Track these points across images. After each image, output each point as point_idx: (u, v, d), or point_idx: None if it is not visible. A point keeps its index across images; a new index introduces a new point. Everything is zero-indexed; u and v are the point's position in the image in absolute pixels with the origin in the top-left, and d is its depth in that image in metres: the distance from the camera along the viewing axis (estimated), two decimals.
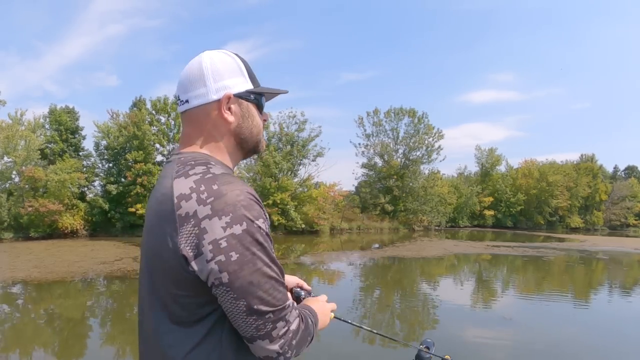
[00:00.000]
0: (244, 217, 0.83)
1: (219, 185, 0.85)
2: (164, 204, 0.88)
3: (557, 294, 11.27)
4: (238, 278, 0.82)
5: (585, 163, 54.83)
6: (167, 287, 0.88)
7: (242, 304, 0.83)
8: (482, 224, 46.74)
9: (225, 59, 1.01)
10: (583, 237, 35.11)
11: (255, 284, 0.83)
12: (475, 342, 6.83)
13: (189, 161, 0.94)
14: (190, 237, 0.82)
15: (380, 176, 39.32)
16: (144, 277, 0.96)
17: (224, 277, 0.82)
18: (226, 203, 0.83)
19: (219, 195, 0.83)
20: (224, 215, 0.82)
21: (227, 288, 0.83)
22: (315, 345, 1.00)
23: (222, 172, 0.91)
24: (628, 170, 72.16)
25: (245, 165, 31.95)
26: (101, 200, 26.33)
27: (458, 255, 19.61)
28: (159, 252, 0.88)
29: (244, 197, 0.85)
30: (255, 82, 1.03)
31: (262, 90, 1.04)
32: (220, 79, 0.98)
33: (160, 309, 0.91)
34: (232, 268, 0.82)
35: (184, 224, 0.83)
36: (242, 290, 0.83)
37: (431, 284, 12.76)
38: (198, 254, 0.82)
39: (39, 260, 15.25)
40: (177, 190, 0.86)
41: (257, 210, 0.86)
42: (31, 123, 26.91)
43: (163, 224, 0.86)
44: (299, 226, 30.39)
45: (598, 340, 7.25)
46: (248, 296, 0.83)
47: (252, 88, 1.02)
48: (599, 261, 19.43)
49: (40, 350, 6.54)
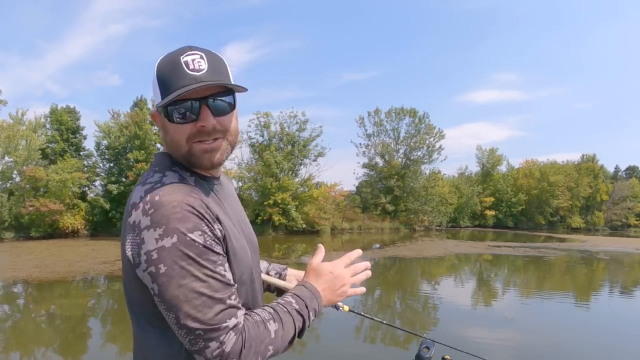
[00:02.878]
0: (176, 230, 0.82)
1: (161, 196, 0.86)
2: (126, 210, 0.92)
3: (558, 294, 11.24)
4: (166, 291, 0.83)
5: (586, 163, 54.73)
6: (130, 291, 0.95)
7: (171, 316, 0.84)
8: (483, 224, 46.69)
9: (154, 73, 0.95)
10: (584, 238, 35.05)
11: (182, 299, 0.82)
12: (475, 342, 6.81)
13: (155, 165, 0.98)
14: (133, 245, 0.86)
15: (381, 176, 39.30)
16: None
17: (155, 288, 0.84)
18: (162, 215, 0.83)
19: (158, 206, 0.84)
20: (157, 227, 0.82)
21: (159, 299, 0.85)
22: (315, 346, 1.00)
23: (171, 182, 0.90)
24: (629, 170, 72.09)
25: (246, 165, 32.00)
26: (102, 200, 26.36)
27: (459, 255, 19.59)
28: (122, 257, 0.93)
29: (180, 209, 0.84)
30: (167, 91, 0.90)
31: (165, 102, 0.89)
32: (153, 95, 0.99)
33: (131, 308, 0.98)
34: (161, 280, 0.83)
35: (130, 232, 0.87)
36: (170, 304, 0.83)
37: (432, 284, 12.75)
38: (138, 263, 0.85)
39: (40, 260, 15.27)
40: (132, 198, 0.90)
41: (192, 223, 0.84)
42: (32, 123, 26.95)
43: (123, 230, 0.91)
44: (300, 226, 30.39)
45: (599, 340, 7.23)
46: (175, 310, 0.83)
47: (159, 101, 0.92)
48: (600, 261, 19.39)
49: (41, 350, 6.54)
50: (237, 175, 31.53)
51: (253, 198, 31.18)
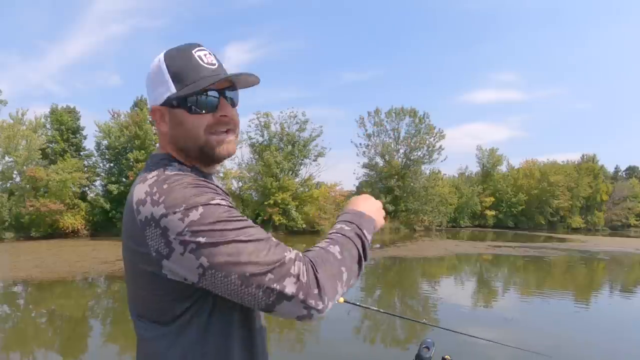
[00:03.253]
0: (197, 203, 0.82)
1: (169, 183, 0.85)
2: (128, 211, 0.89)
3: (558, 294, 11.24)
4: (216, 255, 0.79)
5: (586, 163, 54.71)
6: (142, 289, 0.91)
7: (234, 277, 0.79)
8: (483, 224, 46.71)
9: (154, 66, 0.96)
10: (584, 238, 35.04)
11: (235, 253, 0.79)
12: (475, 342, 6.81)
13: (150, 165, 0.95)
14: (155, 238, 0.82)
15: (381, 176, 39.34)
16: (125, 279, 0.99)
17: (204, 262, 0.79)
18: (175, 197, 0.82)
19: (169, 192, 0.83)
20: (177, 208, 0.81)
21: (212, 270, 0.79)
22: (314, 346, 1.00)
23: (175, 173, 0.90)
24: (629, 170, 72.10)
25: (247, 165, 32.02)
26: (102, 200, 26.39)
27: (459, 256, 19.59)
28: (130, 257, 0.90)
29: (191, 187, 0.85)
30: (182, 83, 0.91)
31: (185, 92, 0.90)
32: (151, 90, 0.97)
33: (138, 311, 0.94)
34: (207, 250, 0.79)
35: (145, 228, 0.83)
36: (226, 267, 0.79)
37: (432, 284, 12.75)
38: (170, 252, 0.81)
39: (40, 260, 15.28)
40: (135, 197, 0.87)
41: (209, 195, 0.85)
42: (32, 123, 27.01)
43: (130, 231, 0.87)
44: (300, 226, 30.41)
45: (599, 340, 7.23)
46: (235, 267, 0.79)
47: (173, 93, 0.92)
48: (600, 261, 19.38)
49: (41, 350, 6.55)
50: (238, 175, 31.55)
51: (253, 198, 31.19)
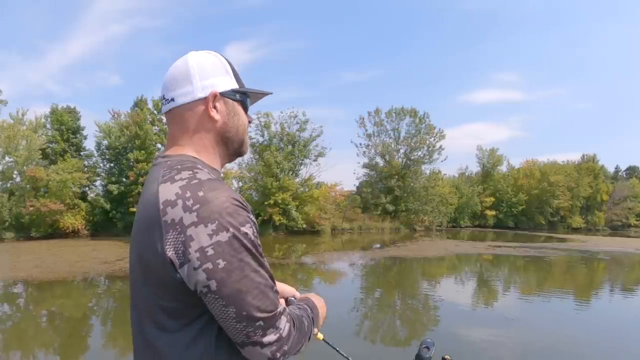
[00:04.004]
0: (230, 224, 0.82)
1: (205, 192, 0.84)
2: (150, 209, 0.87)
3: (559, 294, 11.25)
4: (226, 285, 0.81)
5: (586, 163, 54.64)
6: (153, 293, 0.88)
7: (231, 310, 0.83)
8: (483, 224, 46.66)
9: (210, 58, 1.02)
10: (584, 238, 35.01)
11: (244, 290, 0.82)
12: (475, 342, 6.81)
13: (175, 165, 0.92)
14: (177, 244, 0.82)
15: (381, 176, 39.29)
16: (131, 281, 0.96)
17: (212, 285, 0.81)
18: (212, 210, 0.82)
19: (205, 202, 0.82)
20: (210, 222, 0.81)
21: (216, 295, 0.82)
22: (314, 345, 1.00)
23: (208, 178, 0.89)
24: (629, 170, 72.02)
25: (247, 165, 32.01)
26: (102, 200, 26.38)
27: (459, 256, 19.58)
28: (145, 257, 0.87)
29: (230, 204, 0.84)
30: (240, 83, 1.05)
31: (247, 91, 1.05)
32: (206, 77, 0.98)
33: (145, 312, 0.91)
34: (220, 275, 0.81)
35: (169, 230, 0.82)
36: (231, 297, 0.82)
37: (432, 284, 12.75)
38: (185, 262, 0.81)
39: (40, 260, 15.29)
40: (162, 196, 0.85)
41: (243, 217, 0.85)
42: (32, 123, 26.99)
43: (149, 229, 0.86)
44: (300, 226, 30.41)
45: (599, 340, 7.23)
46: (237, 303, 0.82)
47: (238, 87, 1.03)
48: (600, 261, 19.38)
49: (42, 350, 6.55)
50: (238, 175, 31.56)
51: (253, 198, 31.19)
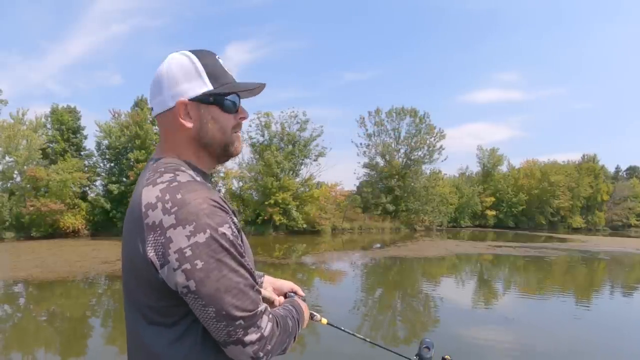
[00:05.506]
0: (208, 225, 0.84)
1: (183, 194, 0.87)
2: (134, 212, 0.90)
3: (559, 294, 11.24)
4: (205, 285, 0.83)
5: (587, 163, 54.64)
6: (140, 291, 0.92)
7: (211, 310, 0.85)
8: (483, 224, 46.67)
9: (182, 62, 0.99)
10: (585, 238, 34.99)
11: (222, 290, 0.84)
12: (476, 342, 6.81)
13: (159, 168, 0.96)
14: (157, 245, 0.85)
15: (381, 176, 39.29)
16: (123, 282, 0.99)
17: (191, 285, 0.84)
18: (189, 212, 0.84)
19: (183, 204, 0.85)
20: (187, 224, 0.83)
21: (196, 295, 0.84)
22: (314, 345, 1.01)
23: (188, 180, 0.91)
24: (630, 170, 71.98)
25: (247, 165, 32.02)
26: (103, 199, 26.41)
27: (460, 256, 19.57)
28: (131, 258, 0.91)
29: (207, 205, 0.86)
30: (217, 82, 0.98)
31: (222, 91, 0.98)
32: (175, 84, 0.97)
33: (136, 311, 0.94)
34: (199, 276, 0.83)
35: (150, 232, 0.85)
36: (210, 297, 0.84)
37: (432, 284, 12.74)
38: (165, 263, 0.84)
39: (41, 260, 15.29)
40: (145, 199, 0.88)
41: (221, 217, 0.87)
42: (33, 122, 27.01)
43: (134, 231, 0.89)
44: (301, 226, 30.42)
45: (599, 340, 7.22)
46: (216, 302, 0.84)
47: (211, 90, 0.97)
48: (601, 261, 19.37)
49: (42, 350, 6.55)
50: (238, 175, 31.58)
51: (253, 198, 31.21)
